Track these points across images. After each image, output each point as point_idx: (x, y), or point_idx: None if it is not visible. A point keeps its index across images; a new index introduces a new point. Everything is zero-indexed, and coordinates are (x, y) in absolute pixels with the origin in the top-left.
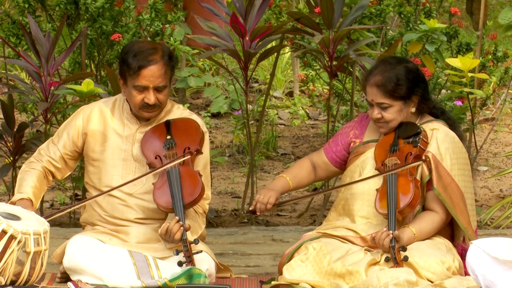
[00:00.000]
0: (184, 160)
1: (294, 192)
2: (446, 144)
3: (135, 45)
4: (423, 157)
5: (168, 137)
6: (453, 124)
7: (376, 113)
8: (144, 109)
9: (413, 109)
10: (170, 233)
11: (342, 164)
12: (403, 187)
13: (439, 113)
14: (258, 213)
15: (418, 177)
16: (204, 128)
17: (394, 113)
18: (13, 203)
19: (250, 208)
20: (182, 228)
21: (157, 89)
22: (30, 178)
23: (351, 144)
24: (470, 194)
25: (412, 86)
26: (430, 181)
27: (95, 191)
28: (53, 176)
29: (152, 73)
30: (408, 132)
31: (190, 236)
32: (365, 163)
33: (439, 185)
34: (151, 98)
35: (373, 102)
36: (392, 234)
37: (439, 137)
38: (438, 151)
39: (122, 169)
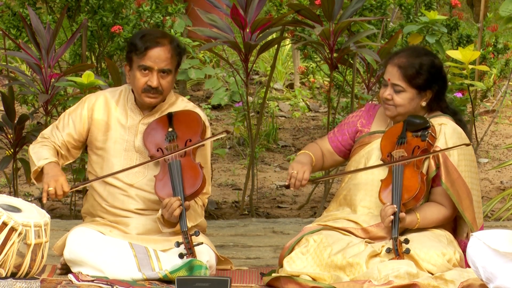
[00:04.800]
0: (185, 151)
1: None
2: (454, 139)
3: (145, 30)
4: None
5: (170, 129)
6: (461, 125)
7: (387, 93)
8: (146, 93)
9: (424, 103)
10: (170, 208)
11: (347, 154)
12: (410, 179)
13: (450, 114)
14: (292, 188)
15: (424, 171)
16: (206, 122)
17: (405, 99)
18: (38, 170)
19: (286, 183)
20: (181, 206)
21: (162, 72)
22: (44, 151)
23: (358, 134)
24: (476, 191)
25: (431, 79)
26: (436, 176)
27: (98, 180)
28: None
29: (158, 55)
30: (417, 126)
31: (189, 223)
32: (371, 153)
33: (447, 180)
34: (154, 80)
35: (389, 81)
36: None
37: (447, 132)
38: (446, 146)
39: (123, 160)
